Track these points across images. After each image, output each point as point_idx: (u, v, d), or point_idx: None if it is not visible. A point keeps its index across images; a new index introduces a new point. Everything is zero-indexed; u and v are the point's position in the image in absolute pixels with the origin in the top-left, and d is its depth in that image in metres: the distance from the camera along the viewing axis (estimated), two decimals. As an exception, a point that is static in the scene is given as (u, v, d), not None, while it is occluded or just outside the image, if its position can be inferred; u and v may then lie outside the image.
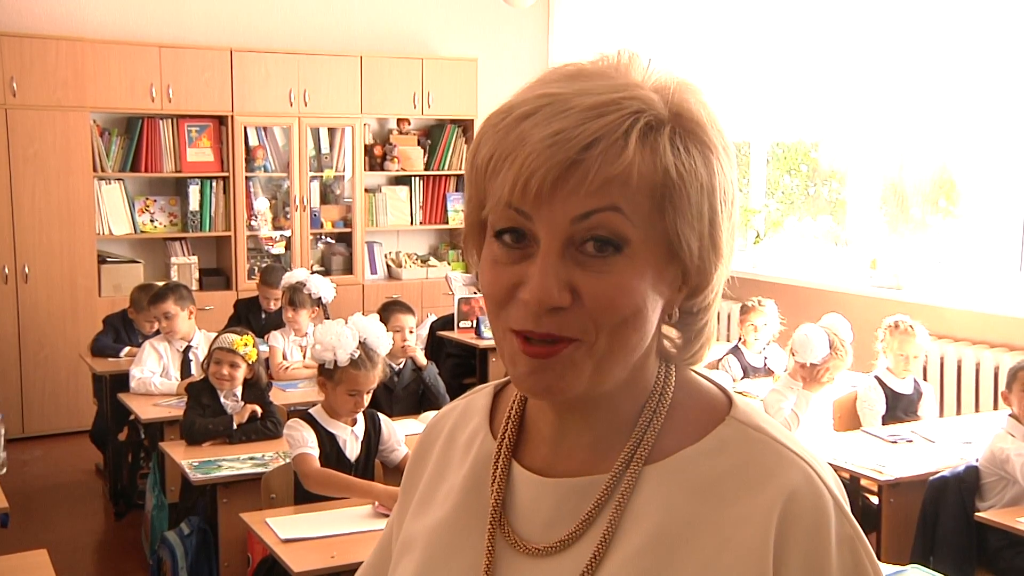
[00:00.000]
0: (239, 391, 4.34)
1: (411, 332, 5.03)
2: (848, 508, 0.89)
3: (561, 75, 0.85)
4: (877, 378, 4.70)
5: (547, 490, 0.94)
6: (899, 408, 4.70)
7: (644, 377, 0.93)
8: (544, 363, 0.84)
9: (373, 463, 3.73)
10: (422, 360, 5.01)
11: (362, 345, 3.65)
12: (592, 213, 0.81)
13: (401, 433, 3.86)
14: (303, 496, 3.53)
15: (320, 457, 3.56)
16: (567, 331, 0.83)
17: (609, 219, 0.81)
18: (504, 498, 0.96)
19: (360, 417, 3.71)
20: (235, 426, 4.18)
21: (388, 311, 4.98)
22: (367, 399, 3.67)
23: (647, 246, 0.83)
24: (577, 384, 0.86)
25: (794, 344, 4.47)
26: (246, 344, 4.29)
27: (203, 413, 4.24)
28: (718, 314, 1.01)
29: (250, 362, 4.32)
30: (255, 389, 4.38)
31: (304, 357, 5.52)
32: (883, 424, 4.57)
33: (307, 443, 3.54)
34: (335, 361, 3.59)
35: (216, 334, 4.69)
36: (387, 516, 3.20)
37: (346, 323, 3.72)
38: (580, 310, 0.83)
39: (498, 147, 0.83)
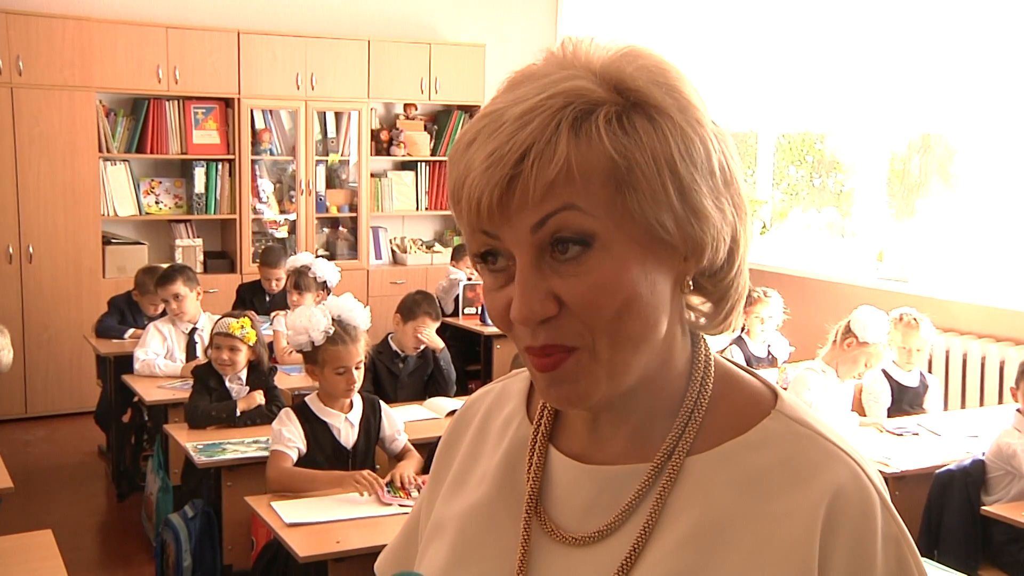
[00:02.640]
0: (244, 375, 4.34)
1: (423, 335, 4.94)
2: (893, 507, 0.87)
3: (507, 85, 0.85)
4: (883, 371, 4.68)
5: (585, 477, 0.92)
6: (904, 401, 4.69)
7: (674, 356, 0.90)
8: (555, 375, 0.84)
9: (373, 450, 3.71)
10: (438, 343, 4.96)
11: (336, 322, 3.61)
12: (547, 218, 0.80)
13: (401, 421, 3.84)
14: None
15: (313, 447, 3.55)
16: (564, 339, 0.83)
17: (566, 218, 0.80)
18: (540, 484, 0.94)
19: (358, 403, 3.68)
20: (238, 412, 4.17)
21: (418, 309, 4.82)
22: (358, 375, 3.62)
23: (619, 233, 0.81)
24: (596, 389, 0.85)
25: (853, 320, 4.45)
26: (243, 327, 4.27)
27: (209, 396, 4.23)
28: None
29: (250, 344, 4.30)
30: (259, 372, 4.37)
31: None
32: (888, 417, 4.57)
33: (284, 441, 3.51)
34: (312, 342, 3.57)
35: (218, 318, 4.69)
36: (388, 504, 3.22)
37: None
38: (570, 315, 0.82)
39: (454, 178, 0.84)
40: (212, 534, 3.83)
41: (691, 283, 0.88)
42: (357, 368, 3.62)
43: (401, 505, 3.28)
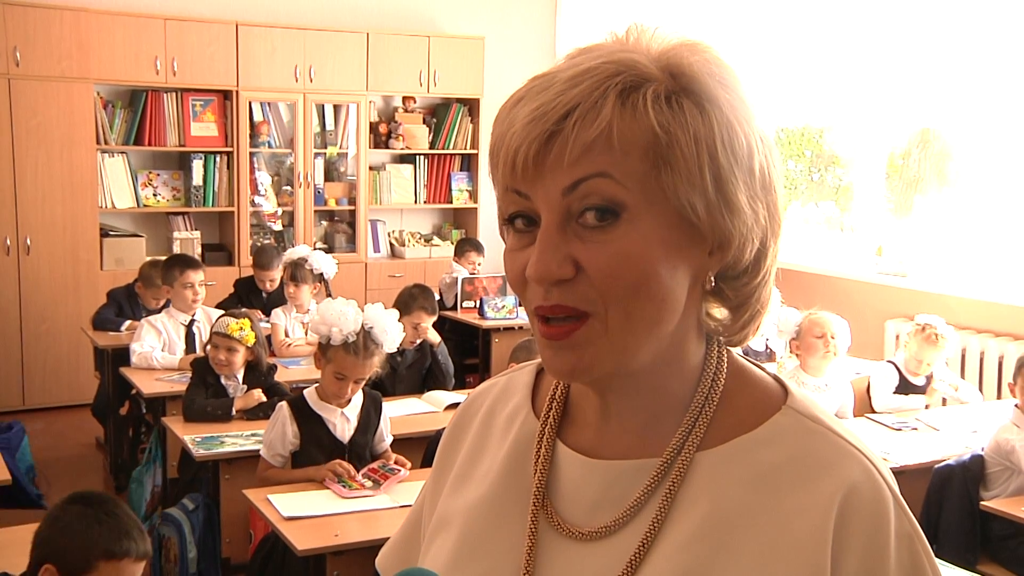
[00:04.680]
0: (240, 374, 4.31)
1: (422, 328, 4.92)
2: (905, 504, 0.87)
3: (565, 56, 0.86)
4: (892, 363, 4.69)
5: (594, 472, 0.91)
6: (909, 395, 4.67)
7: (686, 354, 0.89)
8: (562, 343, 0.83)
9: (370, 444, 3.68)
10: (435, 338, 4.95)
11: (365, 333, 3.57)
12: (580, 182, 0.80)
13: (387, 419, 3.80)
14: (306, 474, 3.51)
15: (309, 442, 3.54)
16: (576, 302, 0.82)
17: (598, 186, 0.80)
18: (548, 479, 0.93)
19: (357, 397, 3.65)
20: (234, 411, 4.16)
21: (414, 303, 4.81)
22: (355, 389, 3.59)
23: (649, 210, 0.80)
24: (600, 363, 0.84)
25: (779, 332, 4.56)
26: (242, 328, 4.23)
27: (206, 391, 4.22)
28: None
29: (248, 345, 4.27)
30: (256, 373, 4.35)
31: (306, 334, 5.50)
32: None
33: (267, 448, 3.55)
34: (329, 339, 3.55)
35: (218, 313, 4.67)
36: (345, 498, 3.20)
37: (360, 308, 3.66)
38: (586, 282, 0.81)
39: (496, 135, 0.85)
40: (213, 527, 3.82)
41: (712, 281, 0.86)
42: (357, 382, 3.59)
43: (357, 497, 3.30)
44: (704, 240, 0.83)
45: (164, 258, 5.86)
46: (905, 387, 4.65)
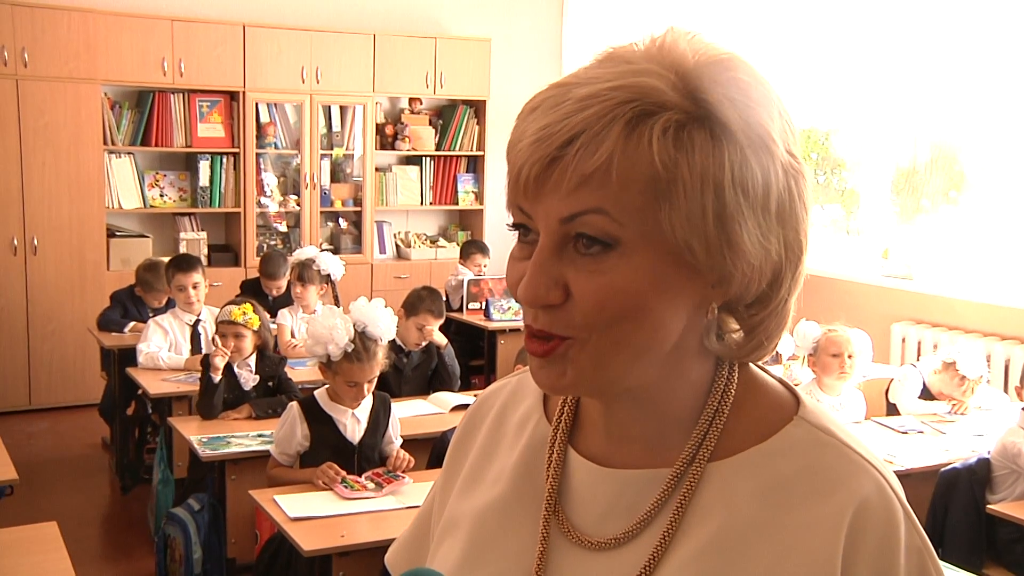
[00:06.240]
0: (252, 362, 4.34)
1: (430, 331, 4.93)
2: (916, 518, 0.87)
3: (594, 60, 0.84)
4: (914, 366, 4.67)
5: (605, 480, 0.91)
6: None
7: (688, 372, 0.88)
8: (542, 361, 0.84)
9: (379, 446, 3.68)
10: (441, 340, 4.96)
11: (360, 336, 3.56)
12: (575, 216, 0.79)
13: (397, 420, 3.80)
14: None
15: (318, 443, 3.55)
16: (560, 329, 0.82)
17: (593, 220, 0.79)
18: (559, 485, 0.93)
19: (367, 398, 3.65)
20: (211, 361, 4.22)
21: (420, 305, 4.81)
22: (369, 388, 3.61)
23: (644, 244, 0.79)
24: (581, 382, 0.84)
25: (795, 348, 4.49)
26: (244, 312, 4.28)
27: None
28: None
29: (254, 329, 4.30)
30: (267, 359, 4.39)
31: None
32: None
33: (275, 446, 3.57)
34: (328, 356, 3.54)
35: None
36: (347, 499, 3.20)
37: (347, 310, 3.65)
38: (573, 308, 0.81)
39: (510, 141, 0.83)
40: (219, 527, 3.83)
41: (715, 311, 0.85)
42: (370, 381, 3.60)
43: (360, 497, 3.30)
44: (704, 276, 0.82)
45: (158, 259, 5.86)
46: (928, 393, 4.61)
